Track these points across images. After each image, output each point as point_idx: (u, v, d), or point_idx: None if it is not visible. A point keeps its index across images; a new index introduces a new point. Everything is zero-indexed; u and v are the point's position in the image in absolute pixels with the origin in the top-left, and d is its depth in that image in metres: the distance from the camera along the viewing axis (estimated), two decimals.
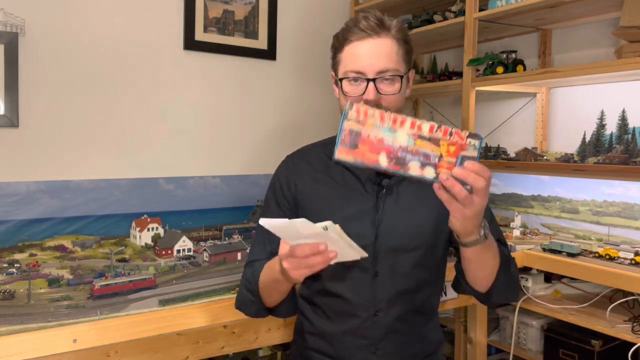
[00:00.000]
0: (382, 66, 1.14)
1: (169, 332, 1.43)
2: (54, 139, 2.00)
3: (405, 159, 0.93)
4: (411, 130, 0.92)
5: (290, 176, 1.30)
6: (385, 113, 0.93)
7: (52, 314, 1.41)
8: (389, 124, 0.93)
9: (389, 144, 0.93)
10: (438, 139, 0.92)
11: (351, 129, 0.94)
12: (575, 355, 1.85)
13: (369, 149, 0.93)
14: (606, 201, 2.05)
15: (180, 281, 1.73)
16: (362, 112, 0.93)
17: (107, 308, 1.46)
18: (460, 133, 0.91)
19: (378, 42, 1.15)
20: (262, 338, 1.61)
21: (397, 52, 1.16)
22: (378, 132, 0.93)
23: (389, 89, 1.15)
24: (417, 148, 0.92)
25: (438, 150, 0.92)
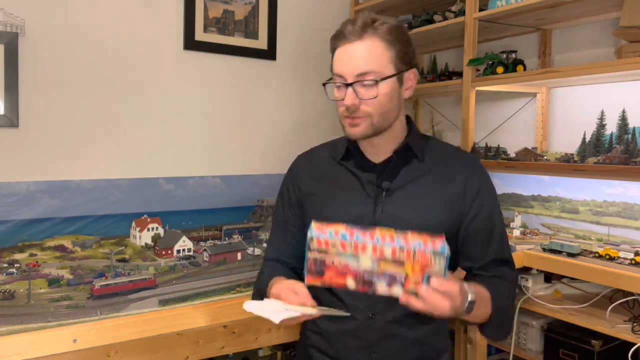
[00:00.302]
0: (360, 69, 1.12)
1: (169, 332, 1.43)
2: (54, 139, 2.00)
3: (372, 280, 0.95)
4: (374, 255, 0.95)
5: (295, 178, 1.34)
6: (346, 241, 0.95)
7: (52, 314, 1.41)
8: (351, 251, 0.95)
9: (354, 269, 0.96)
10: (402, 261, 0.94)
11: (315, 258, 0.98)
12: (575, 355, 1.85)
13: (335, 274, 0.97)
14: (606, 201, 2.05)
15: (180, 281, 1.73)
16: (323, 242, 0.97)
17: (107, 308, 1.46)
18: (425, 253, 0.92)
19: (360, 45, 1.13)
20: (262, 338, 1.61)
21: (383, 54, 1.13)
22: (341, 259, 0.96)
23: (368, 93, 1.13)
24: (382, 270, 0.94)
25: (403, 270, 0.94)
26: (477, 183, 1.22)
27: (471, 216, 1.21)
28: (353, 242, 0.95)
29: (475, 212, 1.21)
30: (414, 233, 0.96)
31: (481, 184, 1.23)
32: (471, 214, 1.21)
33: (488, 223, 1.22)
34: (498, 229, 1.24)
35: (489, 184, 1.26)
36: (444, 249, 0.93)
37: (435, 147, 1.28)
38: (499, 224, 1.25)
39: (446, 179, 1.21)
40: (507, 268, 1.24)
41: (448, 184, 1.21)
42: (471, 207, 1.21)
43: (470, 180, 1.22)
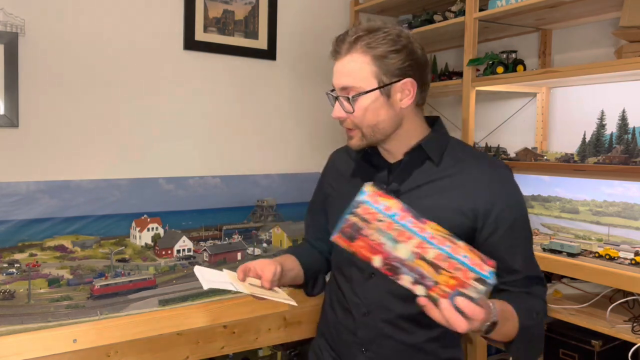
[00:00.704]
0: (341, 84, 1.15)
1: (169, 332, 1.43)
2: (54, 139, 2.00)
3: (400, 270, 0.89)
4: (415, 249, 0.87)
5: (326, 170, 1.43)
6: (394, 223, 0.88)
7: (52, 314, 1.41)
8: (394, 234, 0.88)
9: (387, 250, 0.89)
10: (440, 268, 0.86)
11: (354, 223, 0.91)
12: (575, 355, 1.85)
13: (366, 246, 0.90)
14: (606, 201, 2.05)
15: (180, 281, 1.73)
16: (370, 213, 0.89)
17: (107, 308, 1.46)
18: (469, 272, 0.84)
19: (344, 60, 1.15)
20: (262, 338, 1.61)
21: (363, 68, 1.12)
22: (380, 237, 0.89)
23: (347, 107, 1.15)
24: (416, 266, 0.87)
25: (436, 277, 0.87)
26: (494, 196, 1.14)
27: (487, 231, 1.14)
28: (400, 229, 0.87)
29: (492, 227, 1.14)
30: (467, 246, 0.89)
31: (499, 197, 1.14)
32: (486, 229, 1.14)
33: (509, 240, 1.15)
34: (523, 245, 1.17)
35: (511, 196, 1.17)
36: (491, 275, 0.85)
37: (458, 152, 1.21)
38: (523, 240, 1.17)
39: (460, 186, 1.15)
40: (538, 285, 1.18)
41: (461, 193, 1.15)
42: (485, 221, 1.14)
43: (486, 194, 1.14)
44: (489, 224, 1.14)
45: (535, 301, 1.15)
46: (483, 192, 1.14)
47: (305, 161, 2.59)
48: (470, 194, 1.14)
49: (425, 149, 1.19)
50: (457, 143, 1.25)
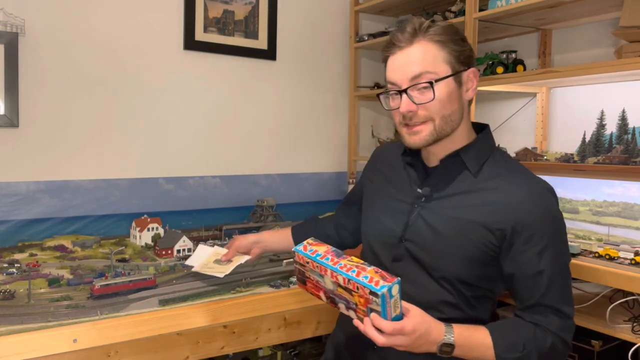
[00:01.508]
0: (413, 72, 1.09)
1: (169, 332, 1.43)
2: (54, 139, 2.00)
3: (335, 300, 1.07)
4: (332, 279, 1.04)
5: (368, 164, 1.43)
6: (314, 262, 1.06)
7: (52, 314, 1.41)
8: (318, 271, 1.06)
9: (322, 286, 1.08)
10: (350, 290, 1.01)
11: (298, 269, 1.12)
12: (576, 355, 1.85)
13: (313, 287, 1.11)
14: (606, 201, 2.05)
15: (180, 281, 1.73)
16: (301, 258, 1.09)
17: (107, 308, 1.46)
18: (364, 288, 0.98)
19: (410, 50, 1.10)
20: (262, 338, 1.61)
21: (436, 55, 1.10)
22: (314, 276, 1.08)
23: (423, 97, 1.10)
24: (340, 293, 1.04)
25: (353, 299, 1.02)
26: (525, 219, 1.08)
27: (513, 254, 1.10)
28: (318, 265, 1.05)
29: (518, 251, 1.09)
30: (373, 270, 1.01)
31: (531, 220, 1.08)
32: (513, 251, 1.10)
33: (534, 265, 1.09)
34: (548, 273, 1.09)
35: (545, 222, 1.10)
36: (381, 289, 0.96)
37: (499, 166, 1.16)
38: (550, 267, 1.09)
39: (492, 203, 1.11)
40: (555, 317, 1.10)
41: (492, 210, 1.11)
42: (512, 244, 1.09)
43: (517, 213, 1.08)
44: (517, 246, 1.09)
45: (537, 334, 1.09)
46: (515, 212, 1.09)
47: (306, 161, 2.59)
48: (500, 212, 1.10)
49: (464, 158, 1.16)
50: (500, 156, 1.20)
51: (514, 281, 1.12)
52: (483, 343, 1.07)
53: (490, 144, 1.22)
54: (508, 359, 1.07)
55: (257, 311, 1.59)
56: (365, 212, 1.34)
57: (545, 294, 1.10)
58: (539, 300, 1.10)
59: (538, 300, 1.10)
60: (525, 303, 1.12)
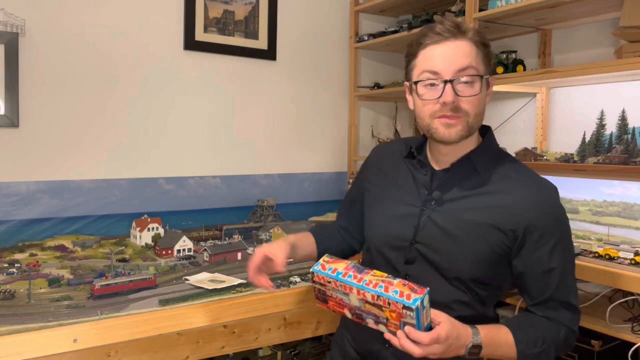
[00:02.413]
0: (459, 65, 1.09)
1: (169, 332, 1.43)
2: (54, 139, 2.00)
3: (362, 315, 1.07)
4: (358, 297, 1.04)
5: (366, 165, 1.40)
6: (338, 282, 1.05)
7: (52, 314, 1.41)
8: (342, 289, 1.06)
9: (347, 303, 1.07)
10: (381, 306, 1.01)
11: (318, 288, 1.11)
12: (575, 355, 1.85)
13: (335, 304, 1.10)
14: (606, 201, 2.05)
15: (180, 281, 1.73)
16: (322, 278, 1.08)
17: (107, 308, 1.46)
18: (397, 304, 0.99)
19: (455, 43, 1.11)
20: (262, 338, 1.61)
21: (477, 54, 1.12)
22: (337, 294, 1.08)
23: (467, 90, 1.10)
24: (368, 309, 1.04)
25: (383, 315, 1.02)
26: (535, 220, 1.12)
27: (524, 254, 1.14)
28: (342, 284, 1.04)
29: (529, 250, 1.14)
30: (400, 282, 1.02)
31: (541, 221, 1.13)
32: (524, 251, 1.14)
33: (545, 263, 1.14)
34: (559, 270, 1.14)
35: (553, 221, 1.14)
36: (414, 302, 0.97)
37: (506, 168, 1.19)
38: (560, 264, 1.14)
39: (503, 204, 1.14)
40: (565, 311, 1.16)
41: (503, 211, 1.13)
42: (523, 244, 1.13)
43: (529, 215, 1.12)
44: (528, 245, 1.13)
45: (552, 328, 1.14)
46: (526, 213, 1.12)
47: (306, 161, 2.59)
48: (512, 213, 1.13)
49: (474, 161, 1.18)
50: (506, 157, 1.24)
51: (525, 279, 1.16)
52: (506, 341, 1.11)
53: (496, 146, 1.25)
54: (529, 354, 1.12)
55: (257, 311, 1.59)
56: (370, 215, 1.32)
57: (556, 290, 1.15)
58: (550, 296, 1.15)
59: (549, 296, 1.15)
60: (537, 299, 1.16)
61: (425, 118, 1.15)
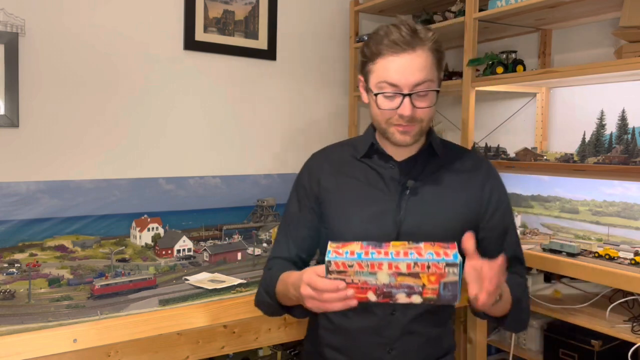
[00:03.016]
0: (417, 79, 1.13)
1: (169, 332, 1.43)
2: (54, 139, 2.00)
3: (392, 292, 0.99)
4: (389, 271, 0.98)
5: (314, 175, 1.32)
6: (362, 262, 0.98)
7: (52, 314, 1.41)
8: (368, 269, 0.98)
9: (373, 284, 0.99)
10: (417, 273, 0.97)
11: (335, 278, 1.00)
12: (575, 355, 1.85)
13: (356, 290, 0.99)
14: (606, 201, 2.05)
15: (180, 281, 1.73)
16: (341, 264, 0.99)
17: (107, 308, 1.46)
18: (438, 264, 0.96)
19: (413, 55, 1.13)
20: (262, 338, 1.61)
21: (432, 64, 1.15)
22: (360, 277, 0.99)
23: (423, 102, 1.15)
24: (400, 283, 0.98)
25: (420, 282, 0.98)
26: (492, 182, 1.27)
27: (489, 215, 1.25)
28: (369, 263, 0.98)
29: (492, 211, 1.25)
30: (427, 244, 1.00)
31: (496, 183, 1.28)
32: (489, 212, 1.25)
33: (504, 222, 1.27)
34: (512, 227, 1.30)
35: (502, 184, 1.30)
36: (455, 257, 0.96)
37: (452, 149, 1.32)
38: (512, 222, 1.30)
39: (465, 178, 1.26)
40: (521, 267, 1.30)
41: (467, 183, 1.25)
42: (488, 206, 1.25)
43: (487, 179, 1.27)
44: (491, 210, 1.25)
45: (522, 280, 1.27)
46: (483, 183, 1.26)
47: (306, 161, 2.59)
48: (474, 186, 1.25)
49: (435, 146, 1.25)
50: (447, 141, 1.34)
51: (487, 242, 1.25)
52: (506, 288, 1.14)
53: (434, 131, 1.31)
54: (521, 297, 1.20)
55: (257, 311, 1.59)
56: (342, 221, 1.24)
57: (512, 248, 1.27)
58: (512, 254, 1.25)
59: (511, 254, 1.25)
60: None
61: (382, 122, 1.19)
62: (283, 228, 1.35)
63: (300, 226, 1.32)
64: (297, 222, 1.32)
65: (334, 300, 0.99)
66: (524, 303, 1.22)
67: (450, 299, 0.98)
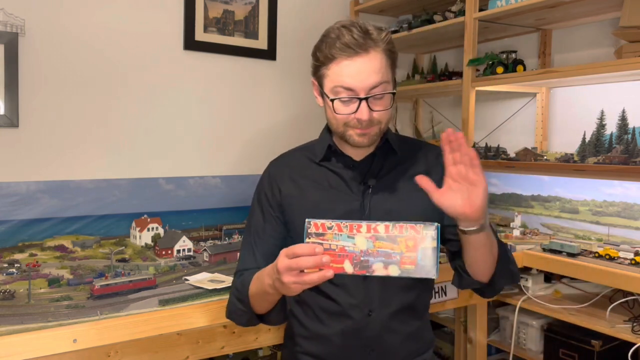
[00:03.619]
0: (372, 82, 1.12)
1: (169, 332, 1.43)
2: (54, 139, 2.00)
3: (369, 262, 0.98)
4: (368, 234, 0.98)
5: (274, 183, 1.30)
6: (342, 224, 0.98)
7: (52, 314, 1.41)
8: (347, 232, 0.98)
9: (350, 251, 0.98)
10: (395, 237, 0.97)
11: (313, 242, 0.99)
12: (575, 355, 1.85)
13: (333, 261, 0.98)
14: (606, 201, 2.05)
15: (180, 281, 1.73)
16: (320, 225, 0.99)
17: (107, 308, 1.46)
18: (415, 227, 0.96)
19: (366, 58, 1.12)
20: (262, 338, 1.61)
21: (386, 64, 1.15)
22: (339, 242, 0.98)
23: (380, 104, 1.15)
24: (377, 249, 0.97)
25: (398, 248, 0.97)
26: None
27: None
28: (348, 224, 0.98)
29: None
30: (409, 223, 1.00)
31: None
32: None
33: None
34: None
35: None
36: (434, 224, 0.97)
37: (408, 142, 1.32)
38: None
39: (424, 170, 1.23)
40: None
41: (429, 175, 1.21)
42: None
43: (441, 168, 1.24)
44: None
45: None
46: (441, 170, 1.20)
47: None
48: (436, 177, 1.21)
49: (392, 143, 1.25)
50: (403, 136, 1.37)
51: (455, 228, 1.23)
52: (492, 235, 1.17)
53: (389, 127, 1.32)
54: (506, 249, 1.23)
55: None
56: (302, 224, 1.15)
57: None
58: None
59: None
60: None
61: (339, 126, 1.19)
62: (248, 241, 1.30)
63: (267, 236, 1.28)
64: (262, 232, 1.28)
65: (311, 265, 0.96)
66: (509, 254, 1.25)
67: (429, 270, 0.96)
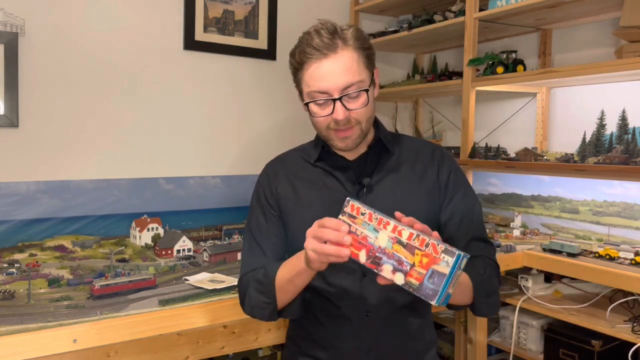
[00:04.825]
0: (345, 82, 1.12)
1: (169, 332, 1.43)
2: (54, 139, 2.00)
3: (381, 260, 0.98)
4: (392, 234, 0.97)
5: (272, 183, 1.31)
6: (374, 214, 0.99)
7: (52, 314, 1.41)
8: (374, 224, 0.99)
9: (370, 243, 0.99)
10: (414, 247, 0.95)
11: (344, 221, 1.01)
12: (575, 355, 1.85)
13: (354, 245, 1.00)
14: (606, 201, 2.05)
15: (180, 281, 1.73)
16: (356, 208, 1.01)
17: (107, 308, 1.46)
18: (437, 246, 0.93)
19: (336, 58, 1.12)
20: (262, 338, 1.61)
21: (359, 62, 1.14)
22: (364, 230, 1.00)
23: (356, 103, 1.14)
24: (393, 252, 0.97)
25: (411, 259, 0.95)
26: (447, 168, 1.26)
27: (448, 199, 1.24)
28: (379, 217, 0.98)
29: (451, 195, 1.24)
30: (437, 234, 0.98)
31: (451, 168, 1.26)
32: (447, 198, 1.24)
33: (465, 204, 1.25)
34: (473, 208, 1.27)
35: (459, 168, 1.30)
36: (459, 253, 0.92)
37: (403, 141, 1.31)
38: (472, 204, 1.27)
39: (419, 169, 1.24)
40: (483, 244, 1.26)
41: (422, 174, 1.24)
42: (446, 191, 1.24)
43: (441, 167, 1.25)
44: (450, 194, 1.24)
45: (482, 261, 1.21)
46: (438, 169, 1.25)
47: None
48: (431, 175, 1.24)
49: (385, 141, 1.24)
50: (398, 134, 1.35)
51: (449, 226, 1.24)
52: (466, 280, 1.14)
53: (383, 125, 1.30)
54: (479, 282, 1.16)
55: None
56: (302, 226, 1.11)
57: (475, 230, 1.25)
58: (472, 237, 1.23)
59: (472, 237, 1.23)
60: (462, 242, 1.22)
61: (322, 129, 1.19)
62: (252, 240, 1.28)
63: (271, 235, 1.27)
64: (266, 231, 1.27)
65: (332, 238, 0.98)
66: (486, 286, 1.18)
67: (430, 294, 0.93)
